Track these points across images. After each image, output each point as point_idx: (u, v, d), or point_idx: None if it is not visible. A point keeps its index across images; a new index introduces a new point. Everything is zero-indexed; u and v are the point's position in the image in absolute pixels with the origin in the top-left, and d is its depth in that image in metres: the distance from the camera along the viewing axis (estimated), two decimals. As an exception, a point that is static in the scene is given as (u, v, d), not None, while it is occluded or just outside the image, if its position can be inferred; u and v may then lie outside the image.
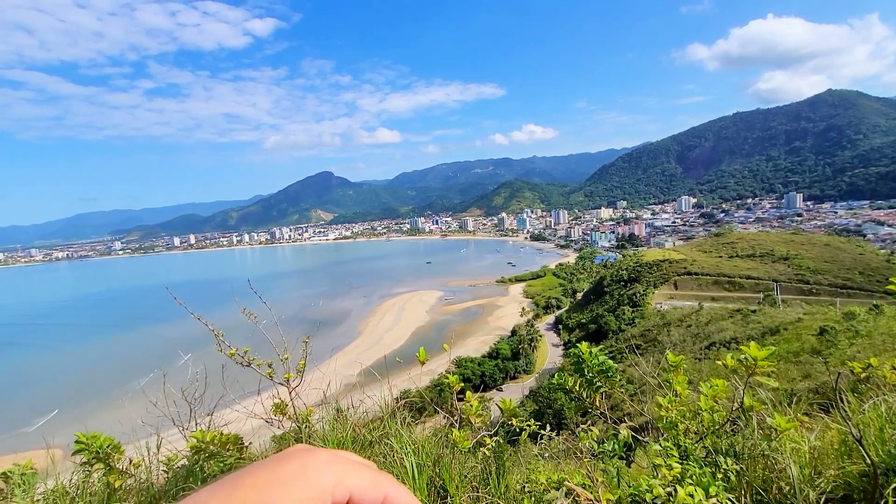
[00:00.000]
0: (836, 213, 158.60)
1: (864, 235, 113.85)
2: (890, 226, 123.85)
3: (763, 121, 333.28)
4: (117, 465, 2.08)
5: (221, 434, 1.98)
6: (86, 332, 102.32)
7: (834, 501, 1.72)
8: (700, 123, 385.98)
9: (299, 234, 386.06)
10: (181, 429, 2.26)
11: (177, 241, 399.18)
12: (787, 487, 1.71)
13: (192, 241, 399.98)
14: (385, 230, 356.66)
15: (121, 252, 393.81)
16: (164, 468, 2.23)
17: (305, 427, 2.19)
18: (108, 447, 2.05)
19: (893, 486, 1.61)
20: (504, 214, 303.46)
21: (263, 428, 2.32)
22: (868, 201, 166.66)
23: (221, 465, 1.98)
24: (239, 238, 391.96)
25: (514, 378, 53.12)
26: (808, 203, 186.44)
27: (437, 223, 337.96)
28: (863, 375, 2.51)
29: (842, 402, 2.31)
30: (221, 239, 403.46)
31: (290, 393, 2.22)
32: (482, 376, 50.98)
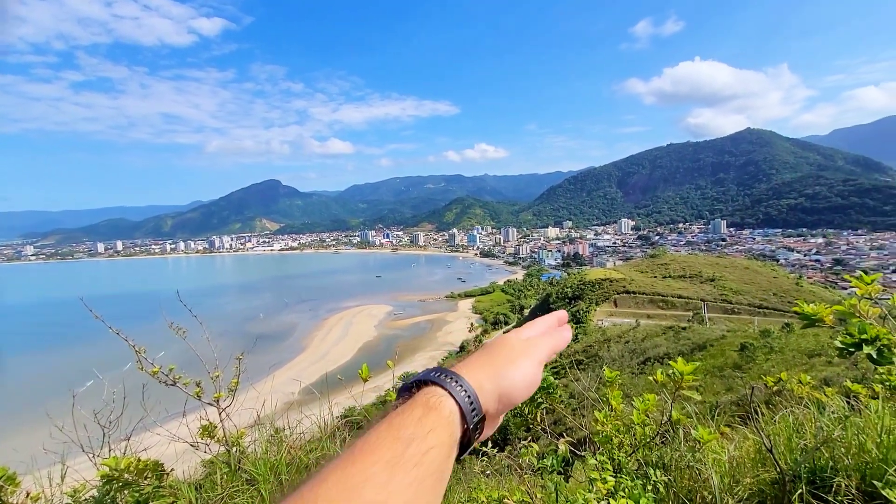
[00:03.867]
0: (754, 239, 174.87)
1: (777, 260, 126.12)
2: (798, 252, 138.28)
3: (693, 153, 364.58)
4: (11, 500, 1.83)
5: (139, 460, 1.80)
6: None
7: (750, 508, 1.85)
8: (639, 152, 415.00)
9: (241, 244, 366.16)
10: (91, 456, 2.02)
11: (101, 247, 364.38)
12: (710, 496, 1.82)
13: (120, 247, 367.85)
14: (334, 242, 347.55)
15: (33, 257, 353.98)
16: (70, 500, 1.98)
17: (236, 450, 2.04)
18: (0, 478, 1.80)
19: (799, 492, 1.75)
20: (455, 230, 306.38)
21: (188, 453, 2.12)
22: (780, 230, 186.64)
23: (137, 494, 1.79)
24: (173, 246, 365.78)
25: (461, 394, 53.06)
26: (731, 229, 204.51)
27: (388, 237, 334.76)
28: (775, 388, 2.74)
29: (757, 413, 2.50)
30: (153, 246, 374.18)
31: (219, 414, 2.05)
32: (429, 392, 50.36)
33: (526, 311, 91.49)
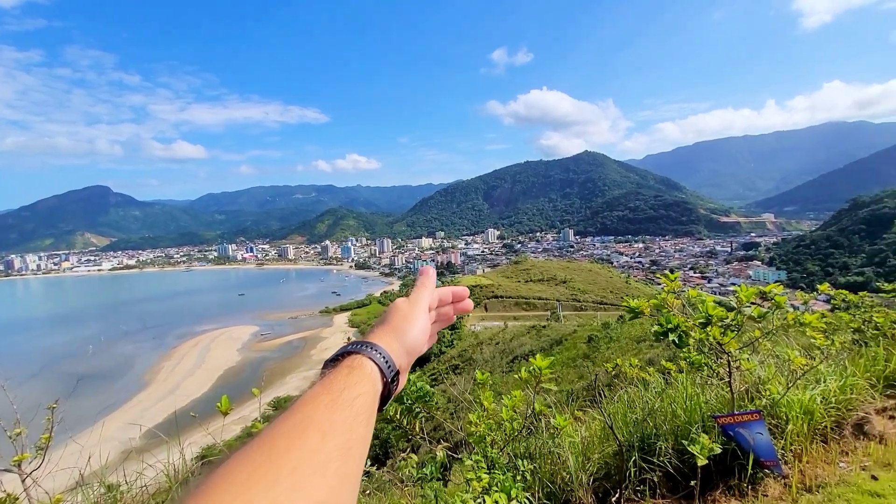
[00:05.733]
0: (595, 245, 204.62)
1: (612, 263, 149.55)
2: (626, 255, 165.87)
3: (545, 170, 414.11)
4: None
5: None
6: None
7: (599, 479, 2.13)
8: (501, 167, 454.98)
9: (55, 264, 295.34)
10: None
11: None
12: (567, 475, 2.05)
13: None
14: (185, 259, 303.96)
15: None
16: None
17: (50, 523, 1.62)
18: None
19: (633, 458, 2.09)
20: (328, 242, 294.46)
21: (-26, 539, 1.61)
22: (613, 237, 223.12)
23: None
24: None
25: (339, 413, 50.64)
26: (577, 237, 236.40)
27: (251, 251, 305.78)
28: (613, 373, 3.22)
29: (601, 396, 2.90)
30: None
31: (23, 481, 1.60)
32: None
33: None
